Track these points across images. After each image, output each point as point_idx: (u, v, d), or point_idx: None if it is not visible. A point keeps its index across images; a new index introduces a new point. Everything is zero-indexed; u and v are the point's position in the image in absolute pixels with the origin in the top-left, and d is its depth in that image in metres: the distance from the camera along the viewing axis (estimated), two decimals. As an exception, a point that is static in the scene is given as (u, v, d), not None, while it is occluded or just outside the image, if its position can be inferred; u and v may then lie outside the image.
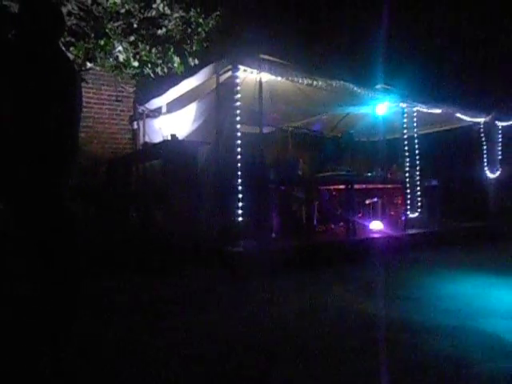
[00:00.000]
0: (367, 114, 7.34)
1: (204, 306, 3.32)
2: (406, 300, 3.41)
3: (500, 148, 8.41)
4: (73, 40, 4.06)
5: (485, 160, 8.27)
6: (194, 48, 4.91)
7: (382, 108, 6.85)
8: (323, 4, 10.29)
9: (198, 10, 4.77)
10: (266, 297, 3.58)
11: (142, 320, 3.00)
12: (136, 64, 4.54)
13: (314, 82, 5.55)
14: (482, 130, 8.23)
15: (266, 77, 5.23)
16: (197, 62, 5.05)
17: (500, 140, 8.41)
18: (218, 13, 4.91)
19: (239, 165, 4.75)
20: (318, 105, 6.72)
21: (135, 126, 6.97)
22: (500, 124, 8.43)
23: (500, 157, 8.38)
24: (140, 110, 6.83)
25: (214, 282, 4.08)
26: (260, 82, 5.18)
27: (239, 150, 4.78)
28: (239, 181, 4.71)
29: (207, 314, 3.13)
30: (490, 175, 8.28)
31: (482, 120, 8.17)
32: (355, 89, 5.96)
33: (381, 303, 3.35)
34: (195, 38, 4.80)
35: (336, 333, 2.68)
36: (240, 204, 4.69)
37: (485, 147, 8.27)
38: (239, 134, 4.82)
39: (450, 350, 2.33)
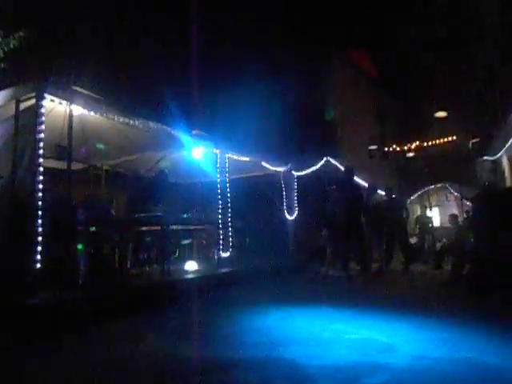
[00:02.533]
0: (184, 157, 7.56)
1: None
2: (217, 338, 3.49)
3: (296, 194, 9.79)
4: None
5: (284, 204, 9.46)
6: (-12, 67, 4.25)
7: (198, 152, 7.18)
8: (147, 41, 10.37)
9: (-4, 25, 4.19)
10: (70, 353, 3.14)
11: None
12: None
13: (131, 121, 5.45)
14: (281, 178, 9.45)
15: (79, 110, 4.88)
16: (-10, 82, 4.37)
17: (296, 187, 9.80)
18: (21, 33, 4.40)
19: (40, 203, 4.18)
20: (134, 144, 6.59)
21: None
22: (295, 174, 9.86)
23: (296, 201, 9.72)
24: None
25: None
26: (70, 115, 4.79)
27: (41, 186, 4.22)
28: (39, 221, 4.13)
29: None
30: (288, 217, 9.48)
31: (281, 169, 9.39)
32: (172, 132, 6.10)
33: (193, 344, 3.33)
34: (-10, 56, 4.16)
35: (146, 380, 2.52)
36: (39, 248, 4.09)
37: (284, 193, 9.48)
38: (41, 168, 4.28)
39: (258, 381, 2.46)
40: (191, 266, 6.57)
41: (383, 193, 9.25)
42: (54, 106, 4.70)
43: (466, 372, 2.54)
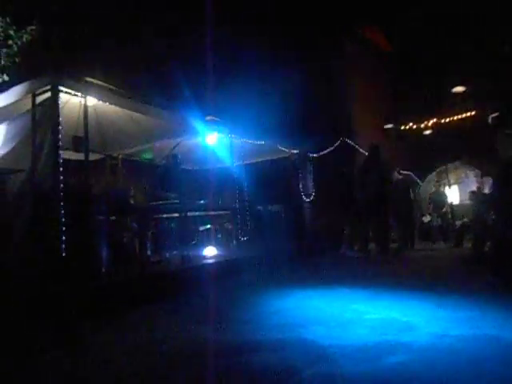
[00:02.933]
0: (198, 143, 7.60)
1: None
2: (238, 322, 3.55)
3: (312, 176, 9.75)
4: None
5: (301, 186, 9.44)
6: (3, 63, 4.30)
7: (212, 138, 7.20)
8: (158, 33, 10.32)
9: (8, 19, 4.22)
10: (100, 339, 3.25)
11: None
12: None
13: (145, 110, 5.49)
14: (297, 160, 9.41)
15: (93, 101, 4.94)
16: (6, 78, 4.43)
17: (311, 169, 9.76)
18: (34, 27, 4.43)
19: (61, 194, 4.28)
20: (149, 132, 6.64)
21: None
22: (311, 155, 9.80)
23: (312, 183, 9.70)
24: None
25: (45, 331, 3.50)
26: (85, 106, 4.85)
27: (61, 178, 4.32)
28: (62, 212, 4.24)
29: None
30: (305, 199, 9.47)
31: (297, 152, 9.35)
32: (186, 119, 6.12)
33: (215, 328, 3.40)
34: (4, 51, 4.21)
35: (172, 365, 2.60)
36: (64, 238, 4.20)
37: (300, 175, 9.46)
38: (61, 160, 4.37)
39: (278, 362, 2.51)
40: (210, 251, 6.66)
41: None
42: (70, 98, 4.76)
43: (487, 349, 2.53)
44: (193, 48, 10.36)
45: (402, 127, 16.07)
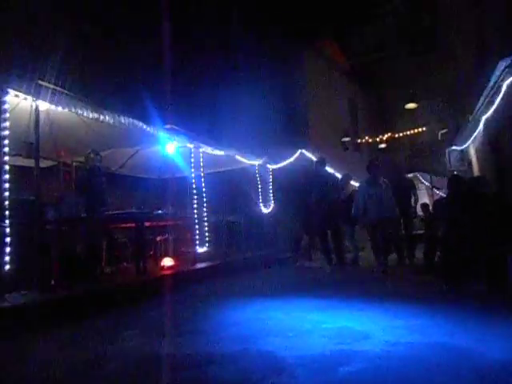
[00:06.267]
0: (157, 152, 7.45)
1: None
2: (195, 334, 3.48)
3: (271, 187, 9.82)
4: None
5: (260, 197, 9.48)
6: None
7: (171, 147, 7.08)
8: (119, 37, 10.05)
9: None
10: (47, 354, 3.06)
11: None
12: None
13: (101, 117, 5.31)
14: (256, 171, 9.45)
15: (45, 105, 4.72)
16: None
17: (270, 180, 9.84)
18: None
19: (6, 203, 4.04)
20: (106, 140, 6.43)
21: None
22: (270, 167, 9.88)
23: (271, 194, 9.76)
24: None
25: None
26: (37, 111, 4.63)
27: (7, 185, 4.08)
28: (6, 222, 3.99)
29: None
30: (264, 210, 9.51)
31: (257, 163, 9.39)
32: (144, 126, 5.99)
33: (170, 341, 3.31)
34: None
35: (122, 380, 2.49)
36: (7, 250, 3.95)
37: (259, 186, 9.50)
38: (7, 166, 4.13)
39: (235, 374, 2.46)
40: (167, 262, 6.51)
41: (357, 183, 9.38)
42: (19, 102, 4.53)
43: (438, 356, 2.62)
44: (155, 55, 10.21)
45: (359, 140, 16.64)
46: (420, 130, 16.02)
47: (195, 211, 7.07)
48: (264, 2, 12.88)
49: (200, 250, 7.01)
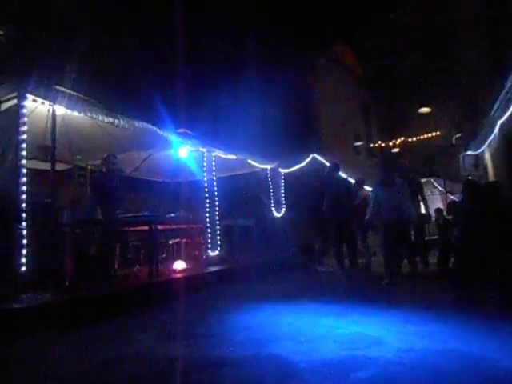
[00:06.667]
0: (170, 156, 7.52)
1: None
2: (207, 337, 3.49)
3: (283, 191, 9.82)
4: None
5: (272, 201, 9.48)
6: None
7: (184, 151, 7.14)
8: (133, 43, 10.23)
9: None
10: (63, 354, 3.10)
11: None
12: None
13: (116, 121, 5.40)
14: (268, 175, 9.47)
15: (62, 110, 4.81)
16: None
17: (283, 184, 9.84)
18: (1, 32, 4.32)
19: (24, 205, 4.12)
20: (120, 143, 6.52)
21: None
22: (282, 171, 9.89)
23: (283, 198, 9.76)
24: None
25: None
26: (53, 115, 4.72)
27: (24, 188, 4.16)
28: (23, 224, 4.07)
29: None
30: (276, 214, 9.50)
31: (269, 167, 9.41)
32: (158, 131, 6.06)
33: (183, 344, 3.32)
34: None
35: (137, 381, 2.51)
36: (24, 251, 4.03)
37: (271, 190, 9.51)
38: (24, 170, 4.22)
39: (247, 378, 2.47)
40: (180, 265, 6.54)
41: (370, 188, 9.30)
42: (37, 106, 4.63)
43: (450, 363, 2.58)
44: (168, 61, 10.34)
45: (372, 145, 16.55)
46: (434, 134, 15.85)
47: (207, 215, 7.11)
48: (280, 10, 12.96)
49: (212, 253, 7.03)
